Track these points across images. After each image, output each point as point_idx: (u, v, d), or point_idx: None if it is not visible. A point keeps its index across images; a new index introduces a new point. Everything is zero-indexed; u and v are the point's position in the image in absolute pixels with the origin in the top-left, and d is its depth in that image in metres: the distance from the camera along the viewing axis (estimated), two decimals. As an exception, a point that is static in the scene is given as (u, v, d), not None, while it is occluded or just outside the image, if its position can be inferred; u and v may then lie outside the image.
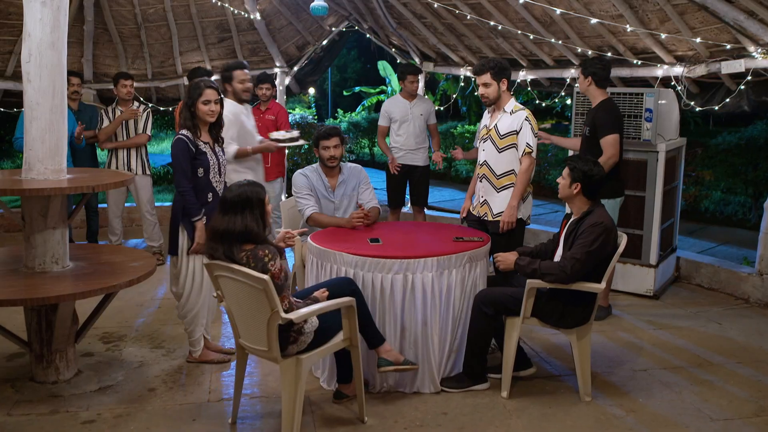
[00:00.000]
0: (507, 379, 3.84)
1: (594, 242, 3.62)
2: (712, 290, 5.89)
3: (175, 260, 4.18)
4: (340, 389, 3.77)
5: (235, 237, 3.20)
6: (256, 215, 3.24)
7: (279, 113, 6.53)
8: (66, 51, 3.83)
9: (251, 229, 3.21)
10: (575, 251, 3.64)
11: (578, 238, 3.68)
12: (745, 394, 3.90)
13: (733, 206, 8.69)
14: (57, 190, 3.65)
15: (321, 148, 4.65)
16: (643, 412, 3.68)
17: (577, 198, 3.80)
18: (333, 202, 4.71)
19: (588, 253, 3.62)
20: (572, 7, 5.73)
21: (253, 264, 3.18)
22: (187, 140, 3.99)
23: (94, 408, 3.68)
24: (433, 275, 3.76)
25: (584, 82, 4.98)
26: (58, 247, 3.89)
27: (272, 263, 3.17)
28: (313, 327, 3.31)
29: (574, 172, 3.77)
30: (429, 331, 3.80)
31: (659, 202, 5.56)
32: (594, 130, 4.91)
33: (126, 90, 6.38)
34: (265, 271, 3.13)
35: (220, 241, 3.23)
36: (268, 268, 3.15)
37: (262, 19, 7.97)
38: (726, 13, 5.04)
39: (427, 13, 6.98)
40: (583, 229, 3.68)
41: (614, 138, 4.82)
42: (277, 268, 3.17)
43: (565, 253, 3.70)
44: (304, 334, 3.28)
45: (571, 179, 3.78)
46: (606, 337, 4.77)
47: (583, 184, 3.75)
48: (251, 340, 3.34)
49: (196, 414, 3.63)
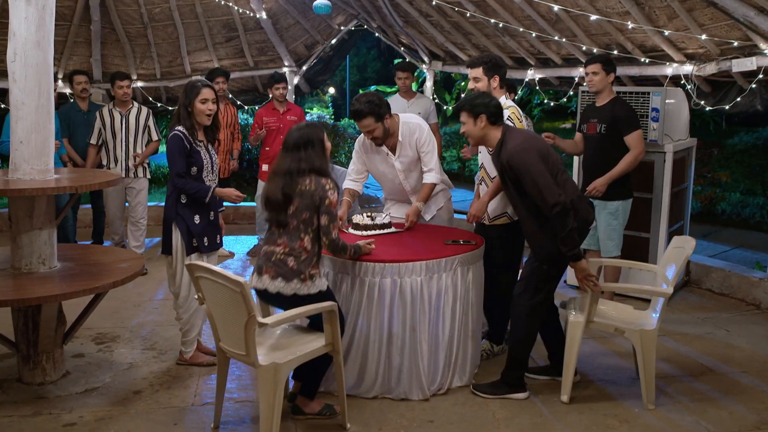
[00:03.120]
0: (568, 382, 3.75)
1: (530, 171, 3.45)
2: (722, 295, 5.71)
3: (170, 260, 4.10)
4: (300, 405, 3.54)
5: (300, 172, 3.35)
6: (318, 152, 3.39)
7: (301, 114, 6.43)
8: (52, 50, 3.81)
9: (315, 164, 3.36)
10: (532, 191, 3.48)
11: (517, 180, 3.53)
12: (747, 406, 3.75)
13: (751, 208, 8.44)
14: (41, 190, 3.63)
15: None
16: (637, 423, 3.55)
17: (488, 132, 3.67)
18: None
19: (540, 178, 3.44)
20: (577, 4, 5.60)
21: (313, 186, 3.32)
22: (182, 136, 3.94)
23: (77, 410, 3.64)
24: (422, 279, 3.67)
25: (606, 78, 4.84)
26: (45, 248, 3.87)
27: (332, 192, 3.35)
28: (323, 284, 3.42)
29: (473, 109, 3.64)
30: (418, 337, 3.70)
31: (666, 204, 5.40)
32: (613, 127, 4.78)
33: (122, 91, 6.07)
34: (324, 198, 3.31)
35: (282, 178, 3.36)
36: (327, 195, 3.32)
37: (269, 18, 7.93)
38: (735, 10, 4.87)
39: (433, 11, 6.88)
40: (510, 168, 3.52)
41: (639, 134, 4.79)
42: (335, 199, 3.36)
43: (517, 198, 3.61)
44: (314, 280, 3.36)
45: (474, 116, 3.65)
46: (607, 343, 4.63)
47: (487, 115, 3.63)
48: (230, 343, 3.27)
49: (178, 418, 3.58)
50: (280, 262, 3.33)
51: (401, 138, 4.31)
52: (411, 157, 4.36)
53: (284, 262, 3.32)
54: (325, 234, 3.37)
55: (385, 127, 4.19)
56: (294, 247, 3.33)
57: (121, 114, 6.16)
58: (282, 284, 3.30)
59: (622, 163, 4.75)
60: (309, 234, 3.35)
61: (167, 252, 4.08)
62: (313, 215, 3.35)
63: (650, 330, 3.72)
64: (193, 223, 4.00)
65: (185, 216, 3.98)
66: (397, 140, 4.31)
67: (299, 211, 3.34)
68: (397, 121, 4.31)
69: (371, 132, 4.20)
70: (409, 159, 4.37)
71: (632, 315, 4.01)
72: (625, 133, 4.75)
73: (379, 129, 4.18)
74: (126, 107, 6.19)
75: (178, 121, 4.00)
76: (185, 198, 3.99)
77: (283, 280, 3.30)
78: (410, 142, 4.32)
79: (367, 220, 4.21)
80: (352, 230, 4.21)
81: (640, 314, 4.00)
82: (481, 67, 4.22)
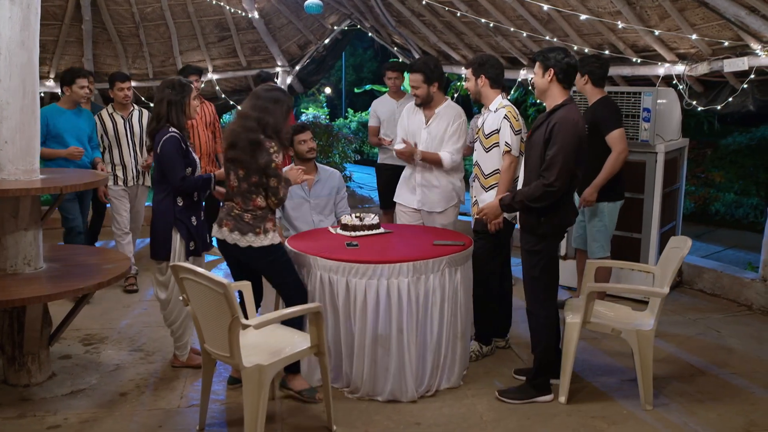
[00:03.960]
0: (566, 383, 3.75)
1: (564, 144, 3.48)
2: (714, 296, 5.69)
3: (163, 267, 4.00)
4: (287, 380, 3.76)
5: (263, 125, 3.56)
6: (283, 113, 3.63)
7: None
8: (38, 50, 3.78)
9: (276, 123, 3.59)
10: (551, 159, 3.50)
11: (549, 140, 3.54)
12: (735, 408, 3.73)
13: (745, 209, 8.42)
14: (24, 191, 3.60)
15: (297, 143, 4.64)
16: (625, 425, 3.53)
17: (552, 88, 3.65)
18: (309, 202, 4.64)
19: (565, 155, 3.48)
20: (569, 4, 5.58)
21: (258, 153, 3.53)
22: (179, 137, 3.90)
23: (62, 412, 3.62)
24: (409, 281, 3.64)
25: (580, 80, 4.83)
26: (30, 249, 3.84)
27: (276, 155, 3.56)
28: (276, 238, 3.68)
29: (545, 61, 3.63)
30: (405, 339, 3.67)
31: (658, 204, 5.38)
32: (594, 128, 4.76)
33: (123, 94, 5.60)
34: (270, 162, 3.53)
35: (251, 121, 3.58)
36: (272, 159, 3.54)
37: (261, 18, 7.89)
38: (726, 9, 4.85)
39: (425, 10, 6.85)
40: (552, 128, 3.54)
41: (620, 132, 4.73)
42: (280, 160, 3.58)
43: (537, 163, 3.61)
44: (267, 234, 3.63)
45: (545, 68, 3.64)
46: (597, 344, 4.61)
47: (556, 70, 3.61)
48: (215, 345, 3.25)
49: (163, 420, 3.56)
50: (237, 217, 3.64)
51: (437, 111, 4.61)
52: (437, 136, 4.59)
53: (241, 217, 3.63)
54: (273, 194, 3.63)
55: (429, 92, 4.54)
56: (248, 206, 3.64)
57: (123, 118, 5.69)
58: (238, 237, 3.62)
59: (606, 168, 4.70)
60: (261, 194, 3.63)
61: (163, 257, 3.96)
62: (262, 178, 3.58)
63: (647, 330, 3.70)
64: (191, 225, 3.96)
65: (183, 219, 3.93)
66: (433, 113, 4.61)
67: (248, 175, 3.60)
68: (442, 99, 4.66)
69: (415, 88, 4.56)
70: (433, 136, 4.60)
71: (629, 315, 3.99)
72: (605, 133, 4.70)
73: (423, 89, 4.54)
74: (127, 111, 5.72)
75: (167, 120, 3.93)
76: (182, 200, 3.93)
77: (239, 233, 3.62)
78: (444, 122, 4.58)
79: (355, 221, 4.20)
80: (341, 231, 4.20)
81: (636, 315, 3.98)
82: (469, 68, 4.23)
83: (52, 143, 5.28)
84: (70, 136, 5.36)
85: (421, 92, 4.54)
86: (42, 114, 5.07)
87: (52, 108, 5.45)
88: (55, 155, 5.24)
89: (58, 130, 5.33)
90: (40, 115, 5.05)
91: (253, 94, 3.72)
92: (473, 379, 4.02)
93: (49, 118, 5.28)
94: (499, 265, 4.32)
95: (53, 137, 5.30)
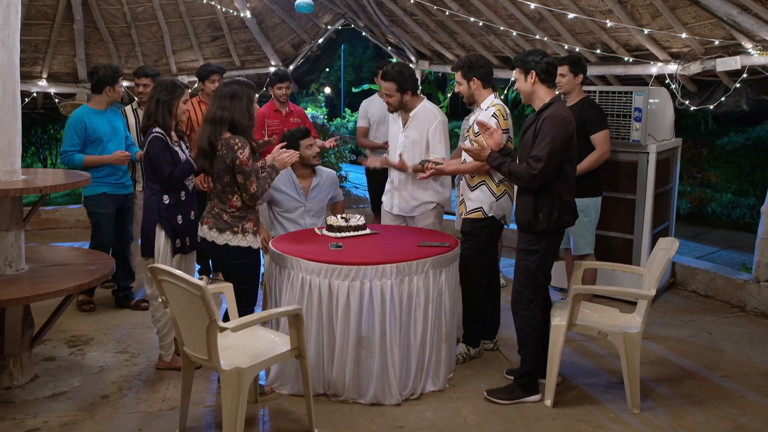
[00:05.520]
0: (551, 386, 3.72)
1: (555, 137, 3.51)
2: (707, 297, 5.64)
3: (150, 263, 4.00)
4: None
5: (222, 123, 3.57)
6: (243, 106, 3.61)
7: (303, 116, 6.14)
8: (18, 49, 3.74)
9: (235, 117, 3.58)
10: (538, 150, 3.53)
11: (538, 134, 3.56)
12: (724, 412, 3.68)
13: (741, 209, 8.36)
14: (4, 191, 3.56)
15: (304, 147, 4.55)
16: (611, 429, 3.48)
17: (537, 90, 3.65)
18: (304, 204, 4.59)
19: (553, 146, 3.50)
20: (560, 3, 5.53)
21: (224, 151, 3.54)
22: (162, 137, 3.89)
23: (42, 415, 3.58)
24: (393, 282, 3.60)
25: (574, 80, 4.82)
26: (12, 250, 3.80)
27: (241, 151, 3.52)
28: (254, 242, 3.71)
29: (524, 65, 3.64)
30: (388, 341, 3.63)
31: (650, 205, 5.33)
32: (580, 128, 4.71)
33: (138, 90, 5.40)
34: (235, 159, 3.52)
35: (209, 125, 3.59)
36: (237, 155, 3.52)
37: (253, 18, 7.85)
38: (718, 8, 4.80)
39: (418, 10, 6.81)
40: (542, 124, 3.56)
41: (606, 134, 4.77)
42: (246, 156, 3.54)
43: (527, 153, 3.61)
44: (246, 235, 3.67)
45: (525, 72, 3.64)
46: (587, 346, 4.57)
47: (537, 71, 3.61)
48: (194, 348, 3.21)
49: (143, 423, 3.52)
50: (217, 215, 3.69)
51: (412, 115, 4.51)
52: (415, 139, 4.49)
53: (220, 216, 3.67)
54: (243, 191, 3.61)
55: (402, 99, 4.45)
56: (225, 207, 3.66)
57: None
58: (216, 234, 3.66)
59: (586, 161, 4.70)
60: (236, 193, 3.64)
61: (150, 254, 3.99)
62: (233, 176, 3.58)
63: (634, 333, 3.66)
64: (177, 223, 3.94)
65: (169, 217, 3.92)
66: (409, 116, 4.53)
67: (220, 176, 3.61)
68: (418, 102, 4.54)
69: (388, 96, 4.47)
70: (412, 140, 4.50)
71: (616, 318, 3.95)
72: (592, 133, 4.73)
73: (396, 98, 4.45)
74: None
75: (154, 120, 3.92)
76: (168, 198, 3.92)
77: (217, 231, 3.66)
78: (421, 125, 4.48)
79: (341, 221, 4.15)
80: (326, 231, 4.16)
81: (624, 317, 3.94)
82: (459, 71, 4.19)
83: (91, 148, 4.96)
84: (110, 138, 5.04)
85: (394, 101, 4.46)
86: (77, 117, 4.95)
87: (85, 110, 5.05)
88: (102, 162, 4.91)
89: (98, 134, 4.98)
90: (76, 118, 4.97)
91: (214, 94, 3.74)
92: (459, 382, 3.97)
93: (87, 122, 4.95)
94: (487, 266, 4.27)
95: (92, 141, 4.96)
